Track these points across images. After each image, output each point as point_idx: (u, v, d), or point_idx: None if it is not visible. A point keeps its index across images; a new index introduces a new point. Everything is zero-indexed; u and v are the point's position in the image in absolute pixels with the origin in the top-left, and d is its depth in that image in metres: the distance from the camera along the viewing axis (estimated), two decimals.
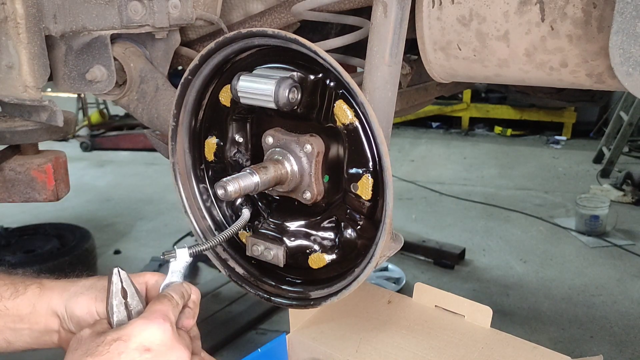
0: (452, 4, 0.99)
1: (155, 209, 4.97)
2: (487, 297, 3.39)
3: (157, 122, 1.42)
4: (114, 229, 4.55)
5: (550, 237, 4.31)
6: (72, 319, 0.92)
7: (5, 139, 1.37)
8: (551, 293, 3.48)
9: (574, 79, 0.95)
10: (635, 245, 4.10)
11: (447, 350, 1.22)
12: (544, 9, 0.91)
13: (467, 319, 1.30)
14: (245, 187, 0.93)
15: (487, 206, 4.92)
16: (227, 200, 1.13)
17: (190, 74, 1.02)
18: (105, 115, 7.67)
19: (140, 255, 4.01)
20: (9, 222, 4.01)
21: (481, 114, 7.79)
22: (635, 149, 6.62)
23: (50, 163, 1.41)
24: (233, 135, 1.09)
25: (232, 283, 1.15)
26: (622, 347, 2.95)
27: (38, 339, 0.95)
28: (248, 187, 0.93)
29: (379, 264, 0.92)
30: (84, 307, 0.90)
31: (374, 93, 0.94)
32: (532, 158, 6.54)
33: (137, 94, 1.39)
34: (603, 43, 0.87)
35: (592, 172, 5.92)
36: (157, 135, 1.46)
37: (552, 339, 2.99)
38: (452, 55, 1.05)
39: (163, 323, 0.78)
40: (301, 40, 0.86)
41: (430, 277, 3.67)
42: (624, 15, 0.76)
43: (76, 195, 4.98)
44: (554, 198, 5.16)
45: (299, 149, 0.98)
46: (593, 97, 2.37)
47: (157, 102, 1.37)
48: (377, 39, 0.93)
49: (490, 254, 4.02)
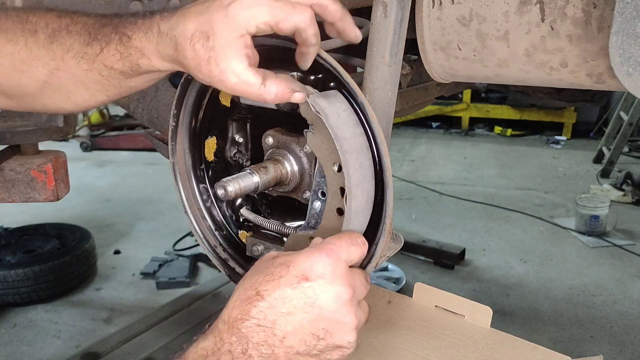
0: (452, 4, 1.00)
1: (155, 209, 4.97)
2: (487, 297, 3.39)
3: (157, 122, 1.42)
4: (114, 229, 4.55)
5: (550, 237, 4.31)
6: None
7: (5, 139, 1.37)
8: (551, 293, 3.48)
9: (574, 79, 0.95)
10: (635, 245, 4.10)
11: (447, 350, 1.22)
12: (544, 9, 0.91)
13: (467, 319, 1.30)
14: (245, 187, 0.93)
15: (487, 206, 4.92)
16: (227, 200, 1.13)
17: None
18: (105, 115, 7.67)
19: (140, 255, 4.01)
20: (9, 222, 4.01)
21: (481, 114, 7.80)
22: (635, 149, 6.62)
23: (50, 163, 1.41)
24: (233, 135, 1.10)
25: (232, 283, 1.15)
26: (622, 347, 2.95)
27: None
28: (248, 187, 0.94)
29: (379, 264, 0.92)
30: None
31: (374, 93, 0.95)
32: (532, 158, 6.55)
33: (137, 94, 1.39)
34: (603, 43, 0.87)
35: (592, 172, 5.92)
36: (157, 135, 1.46)
37: (552, 339, 2.99)
38: (452, 55, 1.05)
39: (326, 258, 0.77)
40: None
41: (430, 277, 3.67)
42: (624, 15, 0.76)
43: (76, 195, 4.98)
44: (554, 198, 5.16)
45: (299, 149, 0.98)
46: (593, 97, 2.37)
47: (157, 102, 1.37)
48: (377, 39, 0.93)
49: (490, 254, 4.02)
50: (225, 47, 0.75)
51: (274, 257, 0.81)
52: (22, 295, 3.31)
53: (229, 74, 0.76)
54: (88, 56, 0.85)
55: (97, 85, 0.88)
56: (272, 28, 0.76)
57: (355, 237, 0.83)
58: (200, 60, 0.77)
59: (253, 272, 0.80)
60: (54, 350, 2.97)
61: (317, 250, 0.79)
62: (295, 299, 0.75)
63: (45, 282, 3.33)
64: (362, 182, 0.84)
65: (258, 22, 0.75)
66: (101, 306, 3.41)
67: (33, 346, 3.02)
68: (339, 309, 0.76)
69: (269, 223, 1.05)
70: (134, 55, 0.82)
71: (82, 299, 3.50)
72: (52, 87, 0.90)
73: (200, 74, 0.79)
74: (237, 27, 0.75)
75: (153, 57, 0.81)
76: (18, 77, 0.89)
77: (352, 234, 0.84)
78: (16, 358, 2.93)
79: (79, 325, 3.21)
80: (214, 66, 0.76)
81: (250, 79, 0.77)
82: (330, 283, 0.76)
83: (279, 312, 0.75)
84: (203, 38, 0.76)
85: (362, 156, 0.84)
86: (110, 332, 3.06)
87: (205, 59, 0.76)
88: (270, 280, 0.76)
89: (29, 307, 3.35)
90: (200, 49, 0.76)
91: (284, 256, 0.80)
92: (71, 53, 0.86)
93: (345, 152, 0.82)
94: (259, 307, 0.75)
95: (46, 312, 3.33)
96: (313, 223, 0.95)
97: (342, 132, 0.82)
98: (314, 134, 0.88)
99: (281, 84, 0.80)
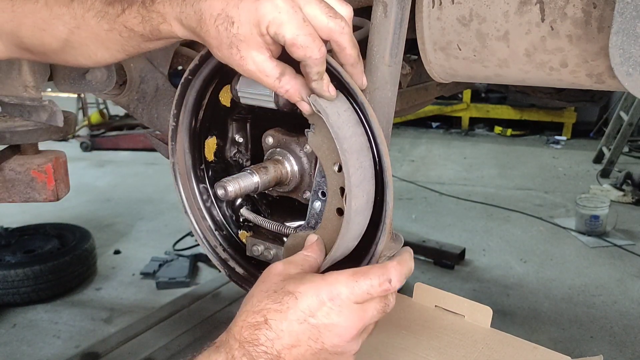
0: (452, 4, 0.99)
1: (155, 209, 4.97)
2: (487, 297, 3.39)
3: (157, 122, 1.42)
4: (114, 229, 4.55)
5: (550, 237, 4.31)
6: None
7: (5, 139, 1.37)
8: (551, 293, 3.48)
9: (574, 79, 0.95)
10: (635, 245, 4.10)
11: (447, 350, 1.22)
12: (544, 9, 0.91)
13: (467, 319, 1.30)
14: (245, 187, 0.93)
15: (487, 206, 4.92)
16: (227, 200, 1.13)
17: (191, 74, 1.02)
18: (105, 115, 7.67)
19: (140, 255, 4.01)
20: (9, 222, 4.01)
21: (481, 114, 7.80)
22: (635, 149, 6.62)
23: (50, 163, 1.41)
24: (233, 135, 1.09)
25: (232, 283, 1.15)
26: (622, 347, 2.95)
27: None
28: (248, 187, 0.93)
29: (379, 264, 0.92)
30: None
31: (374, 93, 0.94)
32: (532, 158, 6.55)
33: (137, 94, 1.39)
34: (603, 43, 0.87)
35: (592, 172, 5.92)
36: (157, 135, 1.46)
37: (552, 339, 2.99)
38: (452, 55, 1.05)
39: (332, 301, 0.77)
40: None
41: (430, 277, 3.68)
42: (624, 15, 0.76)
43: (76, 195, 4.98)
44: (554, 198, 5.16)
45: (299, 149, 0.98)
46: (593, 97, 2.36)
47: (157, 102, 1.37)
48: (377, 39, 0.93)
49: (490, 254, 4.02)
50: (248, 37, 0.76)
51: (282, 279, 0.81)
52: (22, 295, 3.31)
53: (249, 60, 0.77)
54: (109, 16, 0.85)
55: (117, 45, 0.88)
56: (285, 45, 0.76)
57: (382, 274, 0.80)
58: (222, 41, 0.77)
59: (262, 291, 0.80)
60: (54, 350, 2.97)
61: (325, 284, 0.78)
62: (300, 334, 0.77)
63: (45, 282, 3.33)
64: (362, 182, 0.84)
65: (279, 32, 0.75)
66: (101, 306, 3.41)
67: (33, 346, 3.02)
68: (341, 344, 0.78)
69: (269, 223, 1.05)
70: (155, 19, 0.81)
71: (82, 299, 3.50)
72: (72, 45, 0.90)
73: (220, 53, 0.79)
74: (261, 25, 0.75)
75: (175, 24, 0.81)
76: (40, 35, 0.90)
77: (366, 272, 0.80)
78: (16, 358, 2.93)
79: (79, 325, 3.21)
80: (235, 51, 0.77)
81: (268, 71, 0.78)
82: (337, 325, 0.78)
83: (285, 344, 0.77)
84: (228, 22, 0.76)
85: (363, 156, 0.84)
86: (110, 332, 3.06)
87: (227, 43, 0.77)
88: (278, 310, 0.77)
89: (29, 307, 3.35)
90: (224, 32, 0.76)
91: (292, 283, 0.79)
92: (92, 12, 0.86)
93: (345, 152, 0.81)
94: (267, 336, 0.76)
95: (46, 312, 3.33)
96: (313, 223, 0.95)
97: (342, 132, 0.82)
98: (314, 133, 0.88)
99: (296, 85, 0.80)
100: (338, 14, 0.78)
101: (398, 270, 0.81)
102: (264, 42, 0.76)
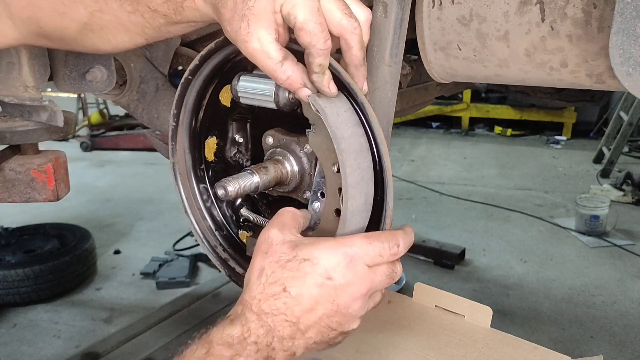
0: (453, 4, 0.99)
1: (155, 209, 4.97)
2: (487, 297, 3.39)
3: (157, 122, 1.42)
4: (114, 229, 4.55)
5: (550, 237, 4.31)
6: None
7: (5, 139, 1.37)
8: (551, 293, 3.48)
9: (574, 79, 0.95)
10: (635, 245, 4.10)
11: (447, 350, 1.22)
12: (544, 9, 0.91)
13: (467, 319, 1.30)
14: (245, 187, 0.93)
15: (487, 206, 4.92)
16: (227, 200, 1.13)
17: (191, 74, 1.02)
18: (105, 115, 7.67)
19: (140, 255, 4.01)
20: (9, 222, 4.01)
21: (481, 114, 7.80)
22: (635, 149, 6.62)
23: (50, 163, 1.41)
24: (233, 135, 1.10)
25: (232, 283, 1.15)
26: (622, 347, 2.95)
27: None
28: (248, 187, 0.94)
29: None
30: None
31: (374, 93, 0.94)
32: (532, 158, 6.55)
33: (137, 94, 1.39)
34: (603, 43, 0.87)
35: (592, 172, 5.92)
36: (157, 135, 1.46)
37: (552, 339, 2.99)
38: (452, 55, 1.05)
39: (348, 261, 0.80)
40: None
41: (431, 277, 3.68)
42: (624, 15, 0.76)
43: (76, 195, 4.98)
44: (554, 198, 5.16)
45: (299, 149, 0.98)
46: (593, 97, 2.36)
47: (157, 102, 1.38)
48: (377, 39, 0.93)
49: (490, 254, 4.02)
50: (261, 13, 0.76)
51: (290, 247, 0.82)
52: (22, 295, 3.31)
53: (254, 38, 0.77)
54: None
55: (138, 28, 0.88)
56: (294, 28, 0.77)
57: (390, 237, 0.83)
58: (235, 14, 0.78)
59: (272, 262, 0.81)
60: (54, 350, 2.97)
61: (338, 250, 0.80)
62: (318, 297, 0.79)
63: (45, 282, 3.33)
64: (359, 183, 0.84)
65: (292, 12, 0.75)
66: (101, 306, 3.41)
67: (33, 346, 3.02)
68: (352, 305, 0.81)
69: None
70: None
71: (82, 299, 3.50)
72: (92, 29, 0.90)
73: (229, 27, 0.79)
74: (276, 3, 0.76)
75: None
76: (60, 19, 0.90)
77: (377, 236, 0.84)
78: (16, 358, 2.93)
79: (79, 325, 3.21)
80: (244, 25, 0.77)
81: (271, 52, 0.78)
82: (351, 284, 0.80)
83: (304, 308, 0.79)
84: None
85: (361, 157, 0.84)
86: (110, 332, 3.06)
87: (240, 15, 0.77)
88: (296, 277, 0.79)
89: (29, 307, 3.35)
90: (240, 4, 0.77)
91: (305, 248, 0.81)
92: None
93: (342, 152, 0.81)
94: (287, 303, 0.78)
95: (46, 312, 3.33)
96: (312, 224, 0.95)
97: (340, 132, 0.82)
98: (315, 133, 0.88)
99: (297, 71, 0.80)
100: (353, 15, 0.80)
101: (404, 238, 0.85)
102: (274, 20, 0.77)
